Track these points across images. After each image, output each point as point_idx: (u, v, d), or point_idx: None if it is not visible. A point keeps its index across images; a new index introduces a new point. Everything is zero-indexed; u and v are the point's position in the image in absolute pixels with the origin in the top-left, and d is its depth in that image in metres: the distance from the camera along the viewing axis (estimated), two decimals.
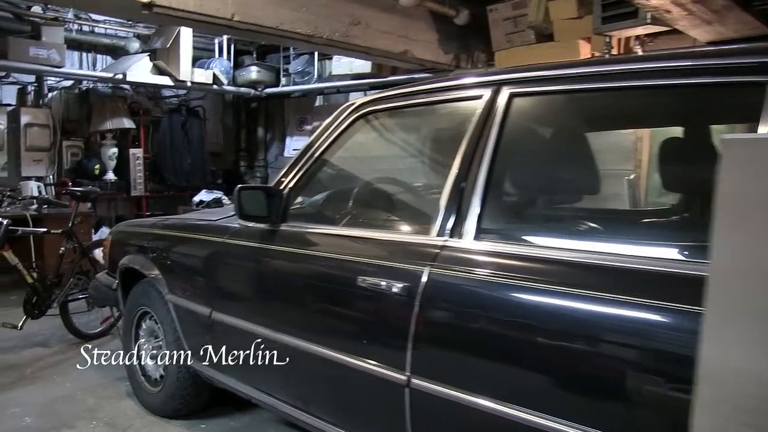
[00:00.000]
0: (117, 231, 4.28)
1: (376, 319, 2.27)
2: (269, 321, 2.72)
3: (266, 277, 2.82)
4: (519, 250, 2.00)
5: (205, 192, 8.49)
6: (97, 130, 8.00)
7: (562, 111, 2.29)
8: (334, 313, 2.49)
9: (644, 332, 1.62)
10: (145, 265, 3.67)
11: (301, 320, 2.62)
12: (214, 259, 3.10)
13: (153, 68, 7.83)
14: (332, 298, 2.49)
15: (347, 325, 2.41)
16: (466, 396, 1.95)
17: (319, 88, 8.73)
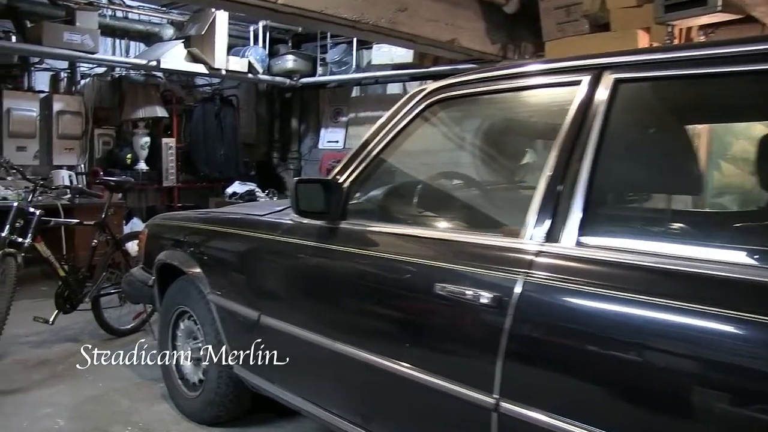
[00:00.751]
0: (153, 224, 4.05)
1: (458, 332, 2.01)
2: (327, 329, 2.47)
3: (324, 280, 2.56)
4: (631, 259, 1.72)
5: (238, 184, 8.26)
6: (130, 118, 7.79)
7: (678, 100, 2.00)
8: (406, 324, 2.22)
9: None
10: (185, 262, 3.44)
11: (366, 330, 2.37)
12: (264, 258, 2.85)
13: (187, 55, 7.61)
14: (403, 306, 2.23)
15: (422, 339, 2.14)
16: (565, 426, 1.68)
17: (356, 78, 8.45)
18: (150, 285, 3.85)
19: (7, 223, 4.19)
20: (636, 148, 2.02)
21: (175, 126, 8.21)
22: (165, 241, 3.78)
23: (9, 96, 7.09)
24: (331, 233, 2.54)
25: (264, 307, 2.80)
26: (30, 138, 7.24)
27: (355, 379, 2.40)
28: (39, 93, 7.39)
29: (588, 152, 1.86)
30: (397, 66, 7.61)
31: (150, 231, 3.99)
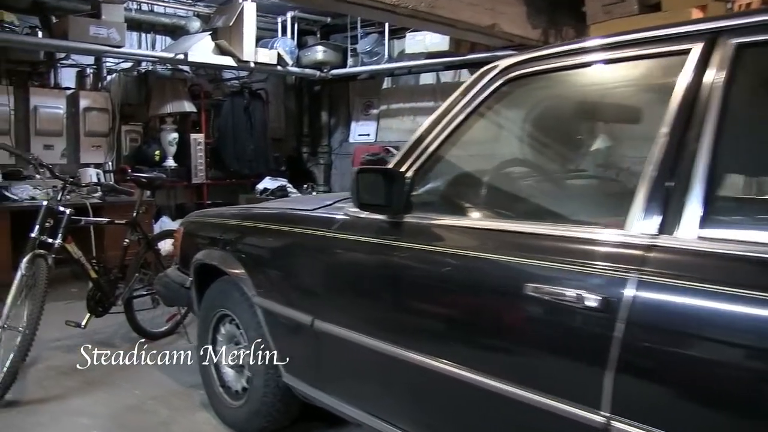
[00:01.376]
0: (189, 222, 3.83)
1: (556, 340, 1.74)
2: (392, 335, 2.22)
3: (388, 280, 2.31)
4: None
5: (268, 179, 8.04)
6: (157, 114, 7.59)
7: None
8: (489, 330, 1.96)
9: None
10: (226, 262, 3.21)
11: (439, 337, 2.11)
12: (318, 256, 2.61)
13: (215, 48, 7.39)
14: (485, 310, 1.97)
15: (510, 347, 1.88)
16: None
17: (389, 68, 8.17)
18: (187, 287, 3.63)
19: (36, 223, 3.98)
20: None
21: (203, 121, 8.00)
22: (202, 240, 3.56)
23: (36, 93, 6.93)
24: (394, 228, 2.28)
25: (318, 310, 2.55)
26: (57, 136, 7.07)
27: (425, 392, 2.15)
28: (65, 90, 7.21)
29: (706, 131, 1.59)
30: (432, 54, 7.33)
31: (186, 229, 3.77)
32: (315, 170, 9.32)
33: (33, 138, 6.93)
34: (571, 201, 2.12)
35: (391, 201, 2.26)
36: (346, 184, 9.00)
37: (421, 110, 8.46)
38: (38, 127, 6.92)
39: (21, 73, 6.90)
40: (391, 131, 8.82)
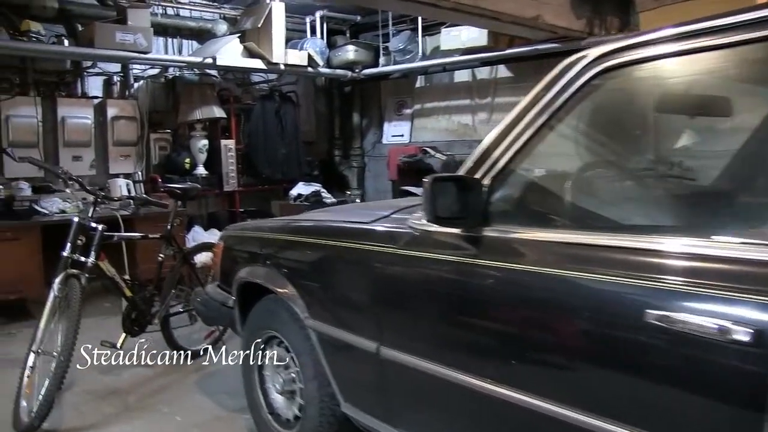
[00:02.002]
0: (229, 236, 3.58)
1: (693, 380, 1.45)
2: (473, 366, 1.94)
3: (466, 303, 2.03)
4: None
5: (302, 185, 7.80)
6: (186, 120, 7.37)
7: None
8: (596, 365, 1.67)
9: None
10: (273, 280, 2.95)
11: (534, 371, 1.83)
12: (381, 276, 2.33)
13: (243, 51, 7.15)
14: (589, 342, 1.68)
15: (626, 386, 1.59)
16: None
17: (423, 66, 7.88)
18: (229, 306, 3.38)
19: (67, 240, 3.76)
20: None
21: (233, 126, 7.76)
22: (245, 256, 3.31)
23: (63, 103, 6.75)
24: (471, 243, 2.01)
25: (385, 336, 2.28)
26: (85, 147, 6.89)
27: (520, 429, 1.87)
28: (93, 99, 7.02)
29: None
30: (468, 50, 7.03)
31: (226, 243, 3.52)
32: (348, 174, 9.06)
33: (61, 149, 6.75)
34: (696, 209, 1.81)
35: (466, 212, 1.98)
36: (380, 187, 8.76)
37: (456, 108, 8.18)
38: (66, 138, 6.73)
39: (48, 83, 6.73)
40: (426, 131, 8.54)
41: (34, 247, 5.67)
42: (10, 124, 6.39)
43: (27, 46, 5.92)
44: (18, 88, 6.49)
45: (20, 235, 5.62)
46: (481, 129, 7.98)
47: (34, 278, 5.66)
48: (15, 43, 5.85)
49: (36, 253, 5.67)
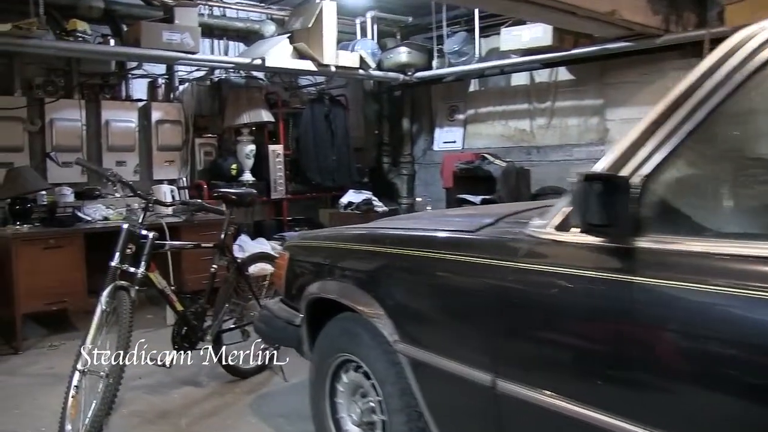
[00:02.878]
0: (295, 246, 3.22)
1: None
2: (632, 410, 1.56)
3: (623, 332, 1.64)
4: None
5: (352, 192, 7.45)
6: (233, 125, 7.05)
7: None
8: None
9: None
10: (352, 296, 2.60)
11: (717, 423, 1.44)
12: (499, 294, 1.95)
13: (293, 52, 6.83)
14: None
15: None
16: None
17: (479, 69, 7.48)
18: (296, 324, 3.03)
19: (116, 249, 3.44)
20: None
21: (281, 131, 7.42)
22: (316, 268, 2.96)
23: (107, 107, 6.50)
24: (620, 256, 1.63)
25: (503, 368, 1.90)
26: (129, 151, 6.62)
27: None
28: (137, 102, 6.75)
29: None
30: (529, 51, 6.62)
31: (292, 255, 3.16)
32: (397, 181, 8.69)
33: (105, 154, 6.48)
34: None
35: (613, 218, 1.60)
36: (431, 195, 8.39)
37: (513, 113, 7.78)
38: (110, 142, 6.47)
39: (92, 86, 6.47)
40: (479, 137, 8.15)
41: (78, 256, 5.39)
42: (54, 127, 6.15)
43: (73, 46, 5.66)
44: (62, 91, 6.24)
45: (63, 242, 5.34)
46: (539, 134, 7.57)
47: (77, 288, 5.39)
48: (61, 43, 5.60)
49: (79, 261, 5.39)
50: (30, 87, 6.13)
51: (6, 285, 5.22)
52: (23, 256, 5.13)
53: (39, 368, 4.75)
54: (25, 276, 5.12)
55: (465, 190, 7.03)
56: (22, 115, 6.00)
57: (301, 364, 3.38)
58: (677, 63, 6.30)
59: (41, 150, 6.19)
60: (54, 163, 6.14)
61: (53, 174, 6.15)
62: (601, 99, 7.00)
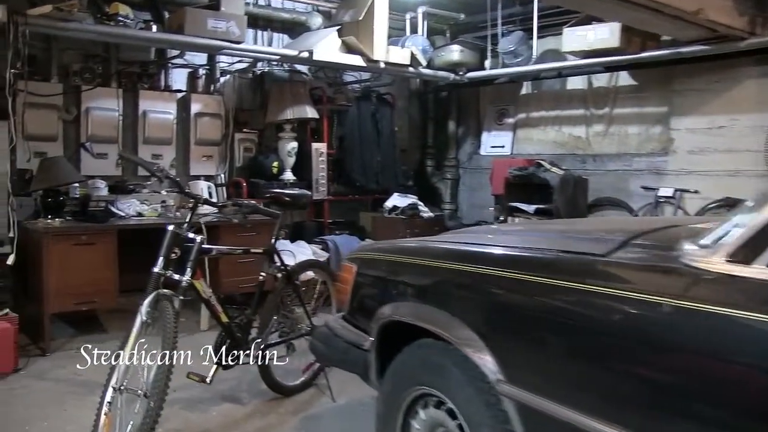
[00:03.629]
0: (364, 258, 2.85)
1: None
2: None
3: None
4: None
5: (397, 196, 7.06)
6: (275, 120, 6.69)
7: None
8: None
9: None
10: (442, 323, 2.23)
11: None
12: (651, 339, 1.56)
13: (341, 46, 6.46)
14: None
15: None
16: None
17: (535, 70, 7.05)
18: (365, 348, 2.65)
19: (159, 254, 3.09)
20: None
21: (325, 129, 7.04)
22: (390, 286, 2.59)
23: (145, 96, 6.18)
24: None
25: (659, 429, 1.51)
26: (166, 144, 6.29)
27: None
28: (176, 93, 6.42)
29: None
30: (593, 53, 6.19)
31: (360, 268, 2.79)
32: (440, 186, 8.30)
33: (141, 146, 6.16)
34: None
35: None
36: (476, 201, 8.03)
37: (568, 119, 7.38)
38: (147, 134, 6.14)
39: (131, 74, 6.15)
40: (530, 143, 7.75)
41: (110, 254, 5.06)
42: (90, 116, 5.84)
43: (115, 30, 5.31)
44: (100, 79, 5.93)
45: (95, 239, 5.02)
46: (595, 142, 7.16)
47: (109, 287, 5.09)
48: (102, 27, 5.25)
49: (112, 260, 5.07)
50: (67, 74, 5.83)
51: (35, 282, 4.92)
52: (54, 252, 4.82)
53: (67, 373, 4.43)
54: (55, 273, 4.81)
55: (517, 198, 6.63)
56: (58, 102, 5.69)
57: (349, 382, 3.05)
58: (753, 70, 5.88)
59: (75, 140, 5.89)
60: (89, 153, 5.82)
61: (86, 165, 5.84)
62: (666, 106, 6.57)
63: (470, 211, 8.29)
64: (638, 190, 6.66)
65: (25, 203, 5.21)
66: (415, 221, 6.95)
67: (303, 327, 3.98)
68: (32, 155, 5.31)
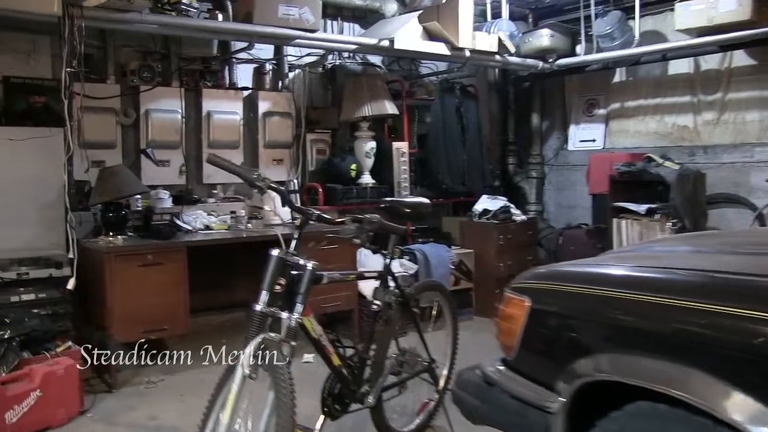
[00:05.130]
0: (540, 288, 2.16)
1: None
2: None
3: None
4: None
5: (486, 198, 6.34)
6: (351, 117, 6.02)
7: None
8: None
9: None
10: (700, 390, 1.52)
11: None
12: None
13: (422, 33, 5.78)
14: None
15: None
16: None
17: (636, 54, 6.25)
18: (550, 411, 1.97)
19: (262, 287, 2.44)
20: None
21: (405, 126, 6.35)
22: (585, 328, 1.91)
23: (209, 96, 5.57)
24: None
25: None
26: (233, 149, 5.67)
27: None
28: (241, 90, 5.80)
29: None
30: (714, 29, 5.39)
31: (535, 302, 2.10)
32: (524, 185, 7.54)
33: (206, 152, 5.55)
34: None
35: None
36: (564, 202, 7.32)
37: (672, 107, 6.58)
38: (212, 137, 5.54)
39: (192, 72, 5.55)
40: (625, 135, 6.96)
41: (180, 274, 4.48)
42: (150, 119, 5.25)
43: (179, 21, 4.66)
44: (159, 78, 5.33)
45: (163, 258, 4.42)
46: (705, 132, 6.35)
47: (179, 313, 4.53)
48: (164, 18, 4.59)
49: (182, 281, 4.49)
50: (124, 73, 5.25)
51: (98, 308, 4.34)
52: (118, 274, 4.24)
53: (140, 417, 3.85)
54: (119, 298, 4.23)
55: (623, 197, 5.88)
56: (116, 105, 5.12)
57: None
58: None
59: (135, 146, 5.31)
60: (150, 161, 5.24)
61: (147, 174, 5.26)
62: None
63: (558, 212, 7.54)
64: (762, 184, 5.84)
65: (84, 219, 4.65)
66: (508, 226, 6.24)
67: (420, 362, 3.31)
68: (90, 165, 4.73)
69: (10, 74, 4.72)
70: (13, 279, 4.22)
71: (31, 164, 4.39)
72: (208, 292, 5.25)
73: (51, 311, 4.25)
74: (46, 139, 4.41)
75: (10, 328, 3.79)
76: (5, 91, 4.70)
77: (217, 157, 2.68)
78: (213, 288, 5.41)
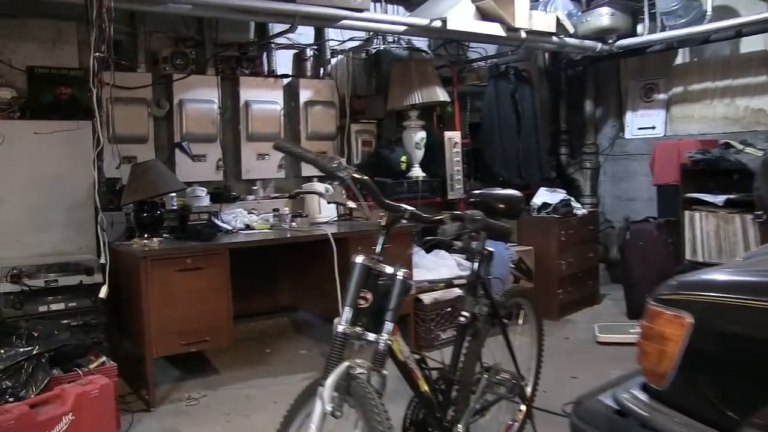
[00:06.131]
0: (708, 301, 1.70)
1: None
2: None
3: None
4: None
5: (545, 191, 5.86)
6: (399, 106, 5.56)
7: None
8: None
9: None
10: None
11: None
12: None
13: (475, 13, 5.31)
14: None
15: None
16: None
17: (709, 30, 5.67)
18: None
19: (345, 302, 1.99)
20: None
21: (457, 115, 5.87)
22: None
23: (246, 84, 5.15)
24: None
25: None
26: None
27: None
28: (281, 78, 5.37)
29: None
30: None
31: (700, 320, 1.65)
32: (578, 177, 7.05)
33: (244, 145, 5.15)
34: None
35: None
36: (620, 194, 6.87)
37: (743, 89, 6.05)
38: (251, 129, 5.12)
39: (228, 59, 5.13)
40: (689, 121, 6.44)
41: (222, 279, 4.05)
42: (184, 110, 4.85)
43: (209, 0, 4.26)
44: (193, 66, 4.91)
45: (203, 262, 3.99)
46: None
47: (221, 322, 4.09)
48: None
49: (224, 287, 4.06)
50: (155, 61, 4.85)
51: (133, 318, 3.93)
52: (154, 281, 3.82)
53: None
54: (157, 307, 3.82)
55: (696, 187, 5.38)
56: (147, 96, 4.71)
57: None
58: None
59: (168, 139, 4.91)
60: (186, 155, 4.83)
61: (182, 170, 4.86)
62: None
63: (615, 205, 7.05)
64: None
65: (116, 220, 4.25)
66: (569, 221, 5.77)
67: (509, 381, 2.85)
68: (121, 160, 4.31)
69: (34, 64, 4.34)
70: (41, 287, 3.82)
71: (58, 160, 4.00)
72: (248, 297, 4.86)
73: (82, 322, 3.85)
74: (73, 133, 4.01)
75: (39, 343, 3.36)
76: (29, 82, 4.31)
77: (287, 142, 2.24)
78: (253, 292, 5.02)
